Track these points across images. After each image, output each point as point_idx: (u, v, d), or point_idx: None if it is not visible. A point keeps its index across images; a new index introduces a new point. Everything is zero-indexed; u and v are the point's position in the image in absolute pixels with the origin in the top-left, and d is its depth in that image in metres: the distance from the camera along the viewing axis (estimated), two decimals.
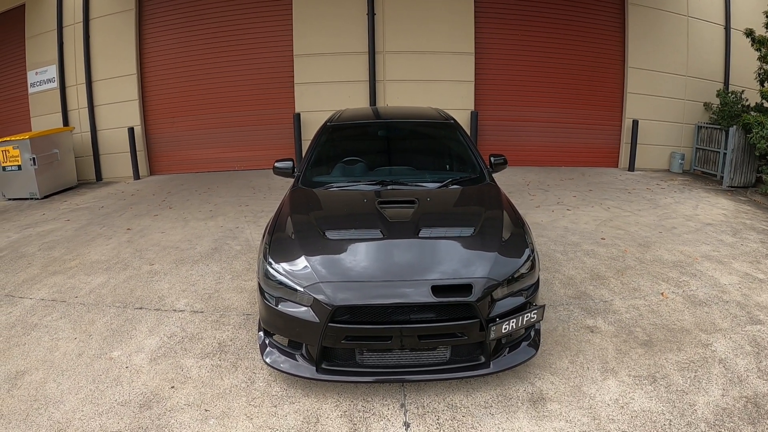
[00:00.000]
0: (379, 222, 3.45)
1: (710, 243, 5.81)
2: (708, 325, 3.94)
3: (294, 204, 3.95)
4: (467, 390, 3.13)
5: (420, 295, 2.88)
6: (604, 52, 10.42)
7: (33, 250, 5.98)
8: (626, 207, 7.44)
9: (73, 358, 3.60)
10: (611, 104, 10.57)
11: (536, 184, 8.97)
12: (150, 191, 9.15)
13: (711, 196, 8.20)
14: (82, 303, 4.50)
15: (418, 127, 5.14)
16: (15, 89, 11.24)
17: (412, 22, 9.95)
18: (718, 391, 3.12)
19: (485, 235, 3.37)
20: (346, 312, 2.91)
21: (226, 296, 4.56)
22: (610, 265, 5.15)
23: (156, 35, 10.40)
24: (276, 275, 3.14)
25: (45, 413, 3.00)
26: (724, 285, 4.67)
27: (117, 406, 3.06)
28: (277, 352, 3.19)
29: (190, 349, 3.68)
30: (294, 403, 3.05)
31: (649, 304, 4.31)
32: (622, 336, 3.78)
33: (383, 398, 3.08)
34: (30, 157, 8.88)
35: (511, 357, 3.11)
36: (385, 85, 10.12)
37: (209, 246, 5.91)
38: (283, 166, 4.59)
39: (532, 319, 3.06)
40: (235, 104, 10.47)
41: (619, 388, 3.16)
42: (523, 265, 3.19)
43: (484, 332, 2.91)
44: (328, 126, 4.94)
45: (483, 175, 4.42)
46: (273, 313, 3.11)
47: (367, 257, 3.19)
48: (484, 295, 2.94)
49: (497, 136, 10.41)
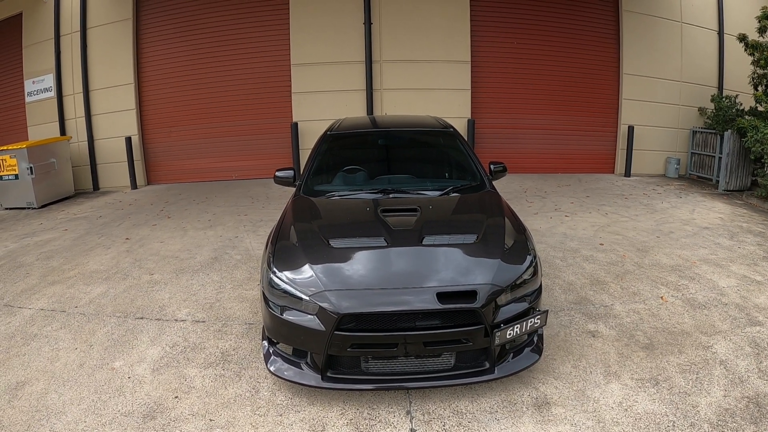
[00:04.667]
0: (382, 230, 3.47)
1: (708, 246, 5.85)
2: (708, 328, 3.96)
3: (297, 213, 3.95)
4: (472, 396, 3.14)
5: (425, 302, 2.89)
6: (598, 59, 10.51)
7: (31, 260, 5.95)
8: (623, 212, 7.49)
9: (74, 368, 3.57)
10: (607, 110, 10.66)
11: (534, 191, 9.01)
12: (148, 201, 9.13)
13: (707, 200, 8.26)
14: (82, 313, 4.48)
15: (418, 136, 5.17)
16: (12, 98, 11.21)
17: (409, 31, 10.02)
18: (719, 392, 3.14)
19: (488, 242, 3.38)
20: (352, 320, 2.91)
21: (228, 305, 4.56)
22: (610, 270, 5.17)
23: (153, 44, 10.42)
24: (280, 284, 3.13)
25: (47, 424, 2.97)
26: (723, 288, 4.71)
27: (120, 416, 3.04)
28: (282, 361, 3.18)
29: (192, 359, 3.66)
30: (299, 412, 3.04)
31: (649, 308, 4.33)
32: (623, 340, 3.80)
33: (389, 405, 3.08)
34: (27, 166, 8.86)
35: (515, 362, 3.12)
36: (382, 94, 10.17)
37: (209, 255, 5.91)
38: (284, 176, 4.59)
39: (535, 324, 3.07)
40: (232, 113, 10.49)
41: (623, 391, 3.17)
42: (525, 271, 3.21)
43: (488, 338, 2.92)
44: (328, 135, 4.96)
45: (483, 183, 4.45)
46: (278, 322, 3.11)
47: (372, 265, 3.19)
48: (489, 301, 2.95)
49: (494, 143, 10.47)
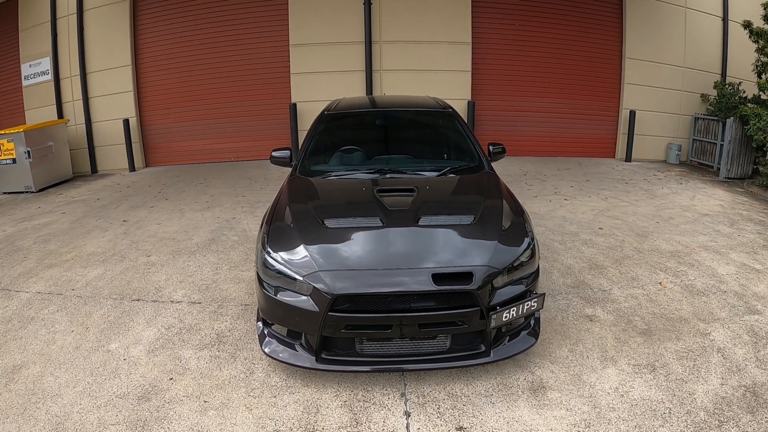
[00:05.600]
0: (378, 210, 3.42)
1: (707, 233, 5.81)
2: (706, 315, 3.94)
3: (292, 193, 3.91)
4: (467, 379, 3.13)
5: (420, 283, 2.86)
6: (601, 43, 10.38)
7: (29, 244, 5.93)
8: (623, 197, 7.44)
9: (70, 351, 3.57)
10: (608, 95, 10.55)
11: (533, 175, 8.96)
12: (146, 183, 9.08)
13: (708, 187, 8.21)
14: (78, 296, 4.46)
15: (417, 116, 5.11)
16: (9, 82, 11.11)
17: (409, 12, 9.88)
18: (717, 380, 3.13)
19: (485, 224, 3.34)
20: (346, 301, 2.88)
21: (224, 287, 4.54)
22: (608, 255, 5.15)
23: (150, 26, 10.28)
24: (275, 264, 3.10)
25: (43, 407, 2.97)
26: (722, 275, 4.68)
27: (115, 398, 3.04)
28: (276, 342, 3.17)
29: (188, 341, 3.66)
30: (294, 394, 3.03)
31: (648, 293, 4.31)
32: (621, 325, 3.78)
33: (383, 388, 3.07)
34: (24, 150, 8.79)
35: (511, 346, 3.11)
36: (381, 75, 10.06)
37: (206, 237, 5.88)
38: (281, 156, 4.55)
39: (532, 307, 3.04)
40: (230, 95, 10.39)
41: (619, 376, 3.16)
42: (523, 253, 3.17)
43: (484, 320, 2.90)
44: (325, 115, 4.89)
45: (482, 164, 4.40)
46: (272, 303, 3.09)
47: (367, 245, 3.16)
48: (485, 283, 2.92)
49: (494, 126, 10.38)
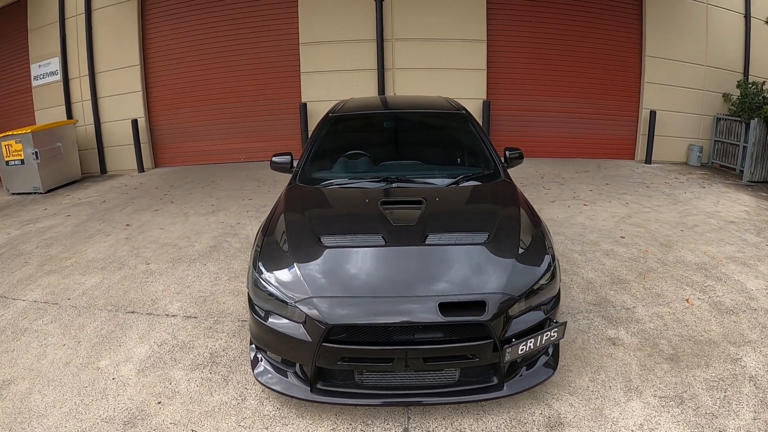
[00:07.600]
0: (381, 226, 3.13)
1: (734, 243, 5.47)
2: (737, 337, 3.64)
3: (289, 204, 3.63)
4: (477, 413, 2.86)
5: (426, 313, 2.56)
6: (621, 40, 9.97)
7: (31, 248, 5.83)
8: (645, 202, 7.10)
9: (60, 366, 3.43)
10: (628, 94, 10.15)
11: (551, 177, 8.64)
12: (153, 184, 8.96)
13: (731, 192, 7.82)
14: (73, 306, 4.31)
15: (427, 118, 4.81)
16: (19, 82, 11.05)
17: (422, 9, 9.58)
18: (749, 414, 2.83)
19: (500, 243, 3.01)
20: (342, 331, 2.61)
21: (222, 299, 4.34)
22: (631, 267, 4.84)
23: (159, 25, 10.15)
24: (266, 286, 2.85)
25: (28, 428, 2.85)
26: (751, 290, 4.36)
27: (101, 422, 2.87)
28: (269, 369, 2.93)
29: (180, 360, 3.46)
30: (287, 425, 2.80)
31: (674, 311, 4.01)
32: (646, 349, 3.49)
33: (385, 421, 2.82)
34: (32, 151, 8.72)
35: (528, 378, 2.81)
36: (394, 74, 9.80)
37: (208, 243, 5.70)
38: (281, 161, 4.32)
39: (551, 338, 2.74)
40: (240, 94, 10.21)
41: (644, 410, 2.88)
42: (542, 276, 2.86)
43: (498, 353, 2.61)
44: (329, 117, 4.61)
45: (497, 171, 4.07)
46: (262, 328, 2.83)
47: (367, 268, 2.87)
48: (499, 312, 2.61)
49: (510, 126, 10.05)
